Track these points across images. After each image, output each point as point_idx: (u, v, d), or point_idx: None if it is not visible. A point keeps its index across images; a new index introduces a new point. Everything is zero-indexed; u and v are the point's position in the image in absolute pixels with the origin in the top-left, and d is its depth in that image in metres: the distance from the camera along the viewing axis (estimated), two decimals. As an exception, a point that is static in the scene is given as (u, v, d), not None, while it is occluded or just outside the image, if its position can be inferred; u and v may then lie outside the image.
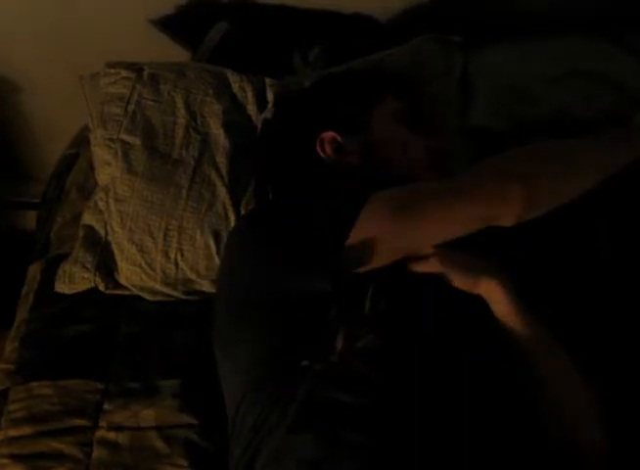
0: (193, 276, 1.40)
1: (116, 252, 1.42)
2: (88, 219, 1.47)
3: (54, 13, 1.81)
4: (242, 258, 1.16)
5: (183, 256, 1.39)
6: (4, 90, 2.01)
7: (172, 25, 1.80)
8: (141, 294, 1.42)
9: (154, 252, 1.40)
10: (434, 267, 1.10)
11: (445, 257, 1.10)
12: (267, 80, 1.52)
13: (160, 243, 1.40)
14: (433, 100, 1.47)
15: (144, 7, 1.77)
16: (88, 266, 1.41)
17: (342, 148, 1.24)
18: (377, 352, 1.03)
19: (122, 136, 1.45)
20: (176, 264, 1.39)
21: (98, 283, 1.41)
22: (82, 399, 1.29)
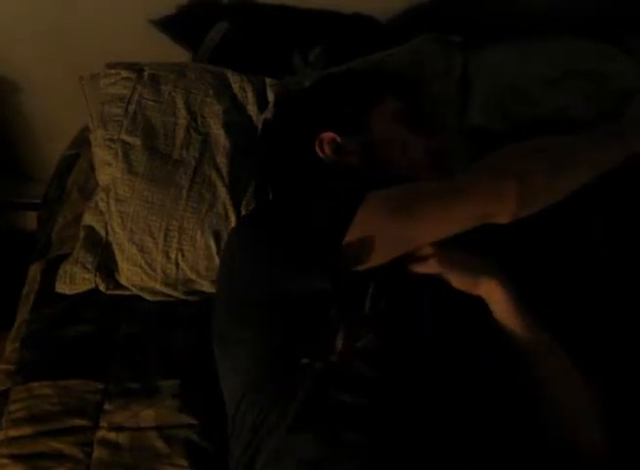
0: (193, 276, 1.40)
1: (117, 252, 1.42)
2: (89, 220, 1.47)
3: (54, 13, 1.81)
4: (242, 259, 1.16)
5: (183, 256, 1.39)
6: (4, 90, 2.01)
7: (172, 26, 1.80)
8: (141, 294, 1.42)
9: (154, 252, 1.40)
10: (433, 268, 1.10)
11: (444, 257, 1.10)
12: (267, 80, 1.52)
13: (161, 243, 1.40)
14: (433, 100, 1.47)
15: (144, 7, 1.77)
16: (89, 267, 1.41)
17: (342, 148, 1.24)
18: (377, 351, 1.03)
19: (123, 137, 1.45)
20: (177, 265, 1.40)
21: (98, 283, 1.41)
22: (83, 399, 1.29)
